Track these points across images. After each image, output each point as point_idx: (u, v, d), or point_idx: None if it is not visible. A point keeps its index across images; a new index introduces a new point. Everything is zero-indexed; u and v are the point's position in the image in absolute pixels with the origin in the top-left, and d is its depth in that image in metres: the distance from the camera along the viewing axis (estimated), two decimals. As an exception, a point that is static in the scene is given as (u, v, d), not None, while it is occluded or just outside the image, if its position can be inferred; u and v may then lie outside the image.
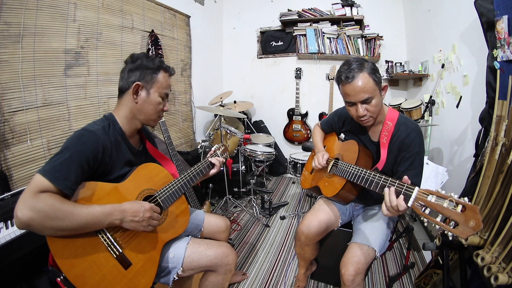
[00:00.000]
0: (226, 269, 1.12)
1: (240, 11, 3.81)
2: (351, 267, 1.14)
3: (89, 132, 0.88)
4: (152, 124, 1.06)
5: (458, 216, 0.69)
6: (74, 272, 0.76)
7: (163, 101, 1.03)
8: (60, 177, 0.76)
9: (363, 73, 1.08)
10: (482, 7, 1.34)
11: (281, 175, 3.68)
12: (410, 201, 0.84)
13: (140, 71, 0.97)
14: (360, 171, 1.12)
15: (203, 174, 1.22)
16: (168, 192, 1.04)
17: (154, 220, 0.91)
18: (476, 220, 0.65)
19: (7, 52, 1.46)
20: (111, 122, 0.97)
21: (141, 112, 1.00)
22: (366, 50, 3.24)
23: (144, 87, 0.98)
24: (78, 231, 0.78)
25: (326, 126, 1.57)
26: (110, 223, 0.82)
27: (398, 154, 1.18)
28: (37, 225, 0.71)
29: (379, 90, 1.12)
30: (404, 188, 0.88)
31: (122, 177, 0.96)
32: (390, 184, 0.95)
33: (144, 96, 0.98)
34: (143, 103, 0.99)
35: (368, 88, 1.08)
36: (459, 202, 0.70)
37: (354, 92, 1.10)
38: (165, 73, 1.02)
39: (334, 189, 1.29)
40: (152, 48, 2.46)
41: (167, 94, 1.04)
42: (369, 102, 1.10)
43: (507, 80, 1.08)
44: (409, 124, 1.17)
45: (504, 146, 1.00)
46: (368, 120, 1.16)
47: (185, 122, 3.09)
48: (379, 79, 1.12)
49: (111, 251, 0.84)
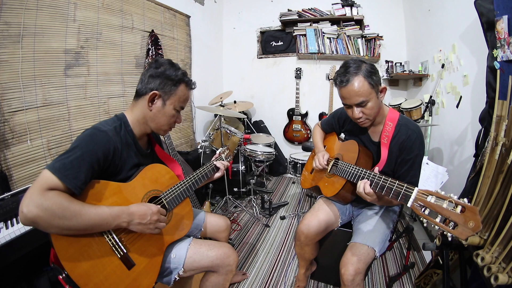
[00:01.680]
0: (227, 270, 1.12)
1: (240, 11, 3.81)
2: (351, 267, 1.14)
3: (101, 132, 0.87)
4: (161, 133, 1.06)
5: (458, 217, 0.69)
6: (78, 271, 0.76)
7: (177, 114, 1.03)
8: (70, 175, 0.75)
9: (358, 77, 1.08)
10: (482, 7, 1.34)
11: (281, 175, 3.68)
12: (409, 202, 0.84)
13: (161, 79, 0.96)
14: (360, 171, 1.12)
15: (208, 177, 1.23)
16: (174, 194, 1.04)
17: (160, 223, 0.90)
18: (475, 221, 0.66)
19: (7, 52, 1.46)
20: (123, 123, 0.96)
21: (154, 120, 1.00)
22: (366, 50, 3.24)
23: (161, 97, 0.97)
24: (85, 231, 0.78)
25: (326, 125, 1.57)
26: (117, 225, 0.82)
27: (399, 155, 1.18)
28: (43, 223, 0.69)
29: (376, 93, 1.12)
30: (404, 189, 0.89)
31: (129, 178, 0.96)
32: (390, 184, 0.95)
33: (159, 106, 0.98)
34: (157, 112, 0.98)
35: (362, 92, 1.08)
36: (459, 203, 0.70)
37: (349, 96, 1.11)
38: (186, 87, 1.01)
39: (334, 189, 1.30)
40: (152, 48, 2.46)
41: (183, 108, 1.04)
42: (364, 105, 1.11)
43: (507, 80, 1.08)
44: (410, 126, 1.18)
45: (504, 146, 1.00)
46: (364, 122, 1.18)
47: (185, 122, 3.09)
48: (376, 82, 1.11)
49: (116, 252, 0.84)
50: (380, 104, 1.19)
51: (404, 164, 1.16)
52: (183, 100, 1.01)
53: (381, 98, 1.16)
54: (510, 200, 0.88)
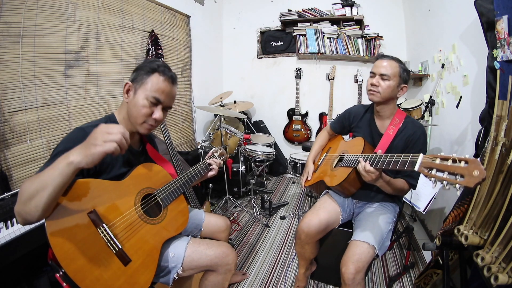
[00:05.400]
0: (226, 269, 1.11)
1: (240, 11, 3.81)
2: (351, 265, 1.15)
3: (80, 129, 0.88)
4: (140, 129, 0.97)
5: (463, 170, 0.73)
6: (73, 267, 0.76)
7: (152, 106, 0.95)
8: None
9: (395, 62, 1.29)
10: (482, 7, 1.34)
11: (281, 175, 3.68)
12: (417, 166, 0.87)
13: (137, 72, 0.96)
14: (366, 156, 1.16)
15: (202, 175, 1.23)
16: (168, 191, 1.04)
17: (112, 135, 0.72)
18: (479, 169, 0.69)
19: (7, 52, 1.46)
20: (110, 122, 0.97)
21: (129, 113, 0.96)
22: (366, 50, 3.24)
23: (133, 87, 0.95)
24: (56, 193, 0.71)
25: (337, 124, 1.64)
26: (71, 162, 0.70)
27: (404, 149, 1.29)
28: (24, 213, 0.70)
29: (398, 82, 1.29)
30: (410, 157, 0.92)
31: (121, 177, 0.96)
32: (396, 158, 0.98)
33: (131, 96, 0.95)
34: (130, 103, 0.95)
35: (391, 69, 1.27)
36: (461, 159, 0.75)
37: (380, 65, 1.30)
38: (160, 77, 0.95)
39: (339, 177, 1.33)
40: (152, 48, 2.46)
41: (158, 99, 0.94)
42: (385, 79, 1.28)
43: (507, 80, 1.08)
44: (415, 123, 1.33)
45: (504, 146, 1.00)
46: (375, 94, 1.30)
47: (185, 122, 3.09)
48: (404, 77, 1.30)
49: (111, 247, 0.84)
50: (395, 97, 1.33)
51: None
52: (156, 90, 0.93)
53: (399, 93, 1.32)
54: (510, 200, 0.88)
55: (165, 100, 0.96)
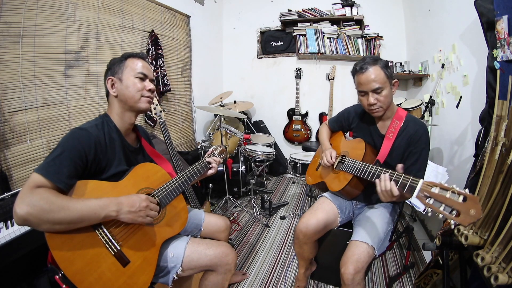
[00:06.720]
0: (226, 269, 1.11)
1: (240, 11, 3.81)
2: (350, 265, 1.15)
3: (81, 129, 0.90)
4: (142, 107, 1.04)
5: (460, 206, 0.73)
6: (72, 269, 0.76)
7: (141, 81, 1.02)
8: (52, 171, 0.78)
9: (376, 66, 1.19)
10: (482, 7, 1.34)
11: (281, 175, 3.68)
12: (415, 192, 0.87)
13: (110, 69, 1.03)
14: (367, 167, 1.15)
15: (201, 174, 1.22)
16: (166, 191, 1.04)
17: (151, 211, 0.89)
18: (476, 209, 0.69)
19: (7, 52, 1.46)
20: (105, 120, 1.00)
21: (124, 100, 1.01)
22: (366, 50, 3.24)
23: (117, 78, 1.01)
24: (75, 224, 0.77)
25: (335, 123, 1.61)
26: (107, 215, 0.81)
27: (406, 148, 1.25)
28: (34, 219, 0.71)
29: (390, 83, 1.22)
30: (410, 181, 0.91)
31: (119, 176, 0.96)
32: (396, 177, 0.97)
33: (119, 85, 1.01)
34: (121, 91, 1.01)
35: (379, 79, 1.18)
36: (461, 193, 0.74)
37: (366, 81, 1.20)
38: (133, 58, 1.04)
39: (340, 183, 1.33)
40: (152, 48, 2.46)
41: (144, 74, 1.03)
42: (379, 92, 1.20)
43: (507, 80, 1.08)
44: (417, 122, 1.28)
45: (504, 146, 1.00)
46: (378, 110, 1.24)
47: (185, 122, 3.09)
48: (390, 74, 1.22)
49: (109, 248, 0.84)
50: (392, 97, 1.27)
51: (411, 157, 1.22)
52: (137, 68, 1.02)
53: (393, 91, 1.26)
54: (510, 200, 0.88)
55: (148, 73, 1.05)
